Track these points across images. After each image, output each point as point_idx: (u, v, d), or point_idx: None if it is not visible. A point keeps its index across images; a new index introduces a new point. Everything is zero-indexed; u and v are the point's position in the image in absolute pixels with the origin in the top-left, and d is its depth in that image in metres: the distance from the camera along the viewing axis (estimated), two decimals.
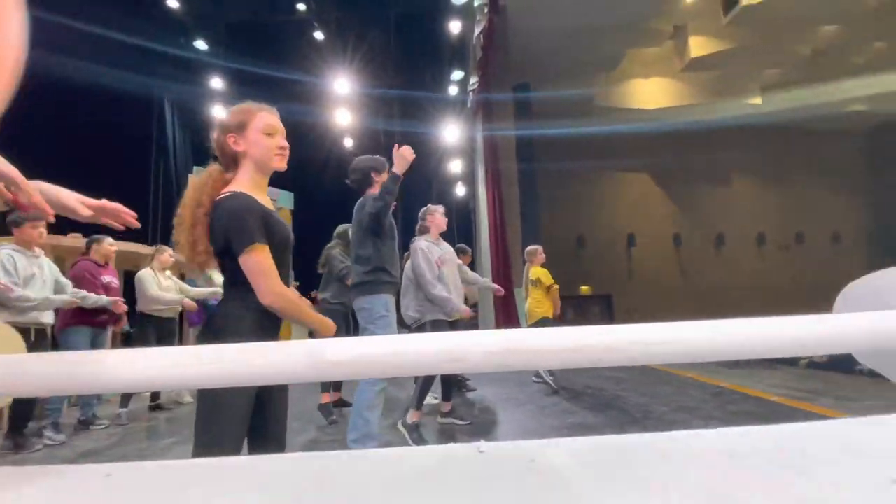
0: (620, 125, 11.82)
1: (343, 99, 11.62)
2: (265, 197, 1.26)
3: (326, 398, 3.74)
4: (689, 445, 0.34)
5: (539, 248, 4.98)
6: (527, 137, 9.78)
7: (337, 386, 4.15)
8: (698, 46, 9.41)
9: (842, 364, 4.78)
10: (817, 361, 5.31)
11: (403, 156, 2.34)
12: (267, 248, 1.15)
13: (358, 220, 2.56)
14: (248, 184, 1.22)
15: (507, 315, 8.43)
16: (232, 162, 1.25)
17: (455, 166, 12.23)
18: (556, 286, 4.74)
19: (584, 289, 12.14)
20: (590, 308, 12.11)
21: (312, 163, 11.88)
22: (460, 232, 13.50)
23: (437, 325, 3.09)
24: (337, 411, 3.87)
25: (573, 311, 11.56)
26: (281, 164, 1.25)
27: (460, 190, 12.86)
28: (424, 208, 3.38)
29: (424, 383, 3.11)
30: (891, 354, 0.55)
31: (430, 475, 0.32)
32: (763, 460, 0.30)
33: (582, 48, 9.39)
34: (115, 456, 3.13)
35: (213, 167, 1.27)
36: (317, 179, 11.51)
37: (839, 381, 4.49)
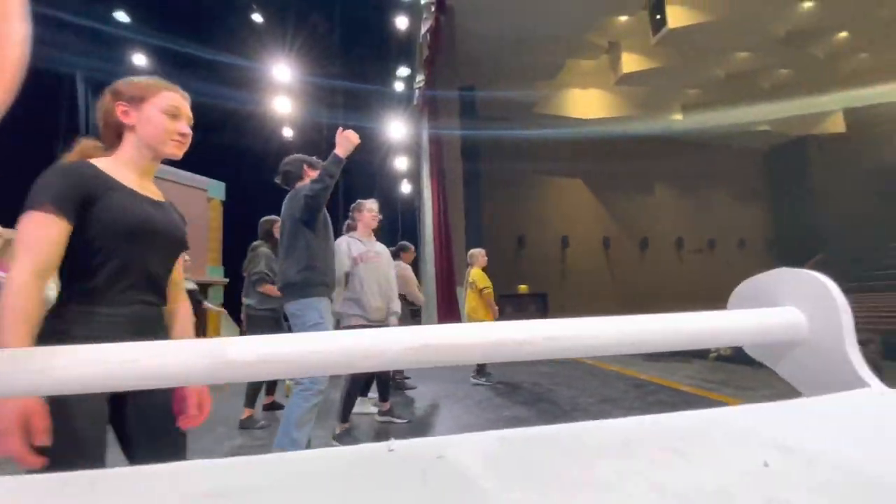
0: (559, 132, 12.41)
1: (283, 86, 11.08)
2: (147, 185, 1.04)
3: (248, 413, 3.46)
4: (592, 436, 0.35)
5: (482, 251, 4.95)
6: (472, 138, 9.95)
7: (270, 388, 3.95)
8: (630, 63, 10.09)
9: (745, 356, 5.37)
10: (724, 354, 5.91)
11: (348, 138, 2.12)
12: (56, 220, 0.84)
13: (289, 212, 2.26)
14: (120, 162, 1.00)
15: (449, 315, 8.52)
16: (114, 136, 1.03)
17: (401, 163, 12.14)
18: (488, 289, 4.69)
19: (522, 287, 12.57)
20: (527, 306, 12.56)
21: (248, 152, 11.22)
22: (405, 230, 13.42)
23: None
24: (269, 415, 3.68)
25: (511, 308, 11.94)
26: (175, 151, 1.04)
27: (406, 187, 12.79)
28: (355, 203, 3.19)
29: (348, 396, 2.92)
30: (772, 346, 0.62)
31: (336, 477, 0.30)
32: (653, 447, 0.32)
33: (524, 56, 9.72)
34: None
35: (86, 142, 1.05)
36: (252, 170, 10.87)
37: (741, 372, 5.04)
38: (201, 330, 8.80)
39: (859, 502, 0.25)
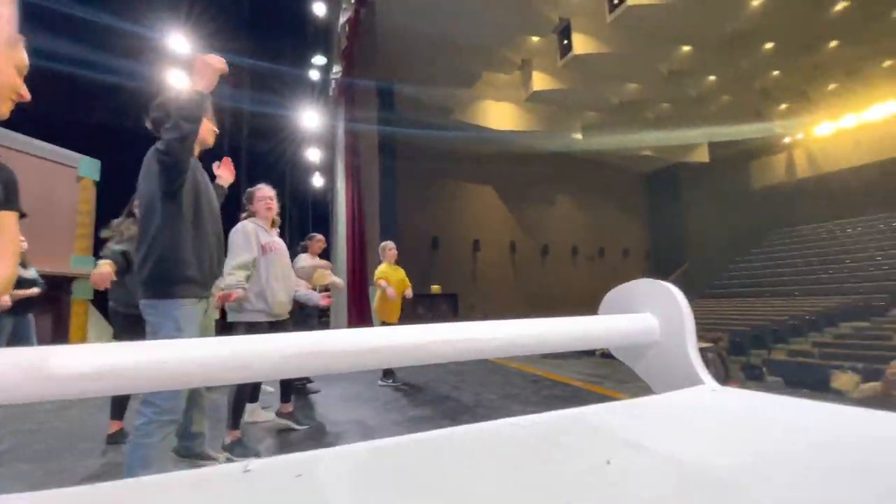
0: (474, 140, 12.88)
1: (179, 59, 9.88)
2: None
3: (116, 426, 2.84)
4: (463, 440, 0.36)
5: (388, 243, 4.65)
6: (390, 135, 9.85)
7: (118, 412, 3.02)
8: (539, 81, 10.83)
9: None
10: (606, 352, 6.60)
11: (208, 63, 1.50)
12: None
13: (145, 179, 1.64)
14: None
15: (360, 314, 8.33)
16: None
17: (313, 154, 11.57)
18: (381, 279, 4.39)
19: (435, 287, 12.79)
20: (438, 305, 12.81)
21: (132, 130, 9.78)
22: (316, 225, 12.80)
23: (252, 329, 2.54)
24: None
25: (423, 308, 12.08)
26: (3, 110, 0.85)
27: (318, 180, 12.21)
28: (250, 190, 2.77)
29: (236, 401, 2.63)
30: (632, 347, 0.70)
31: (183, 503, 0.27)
32: (516, 449, 0.34)
33: (444, 61, 9.90)
34: None
35: None
36: (135, 148, 9.51)
37: (620, 368, 5.66)
38: (62, 330, 7.43)
39: (691, 495, 0.27)
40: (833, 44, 10.53)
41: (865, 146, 13.16)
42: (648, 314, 0.66)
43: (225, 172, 2.18)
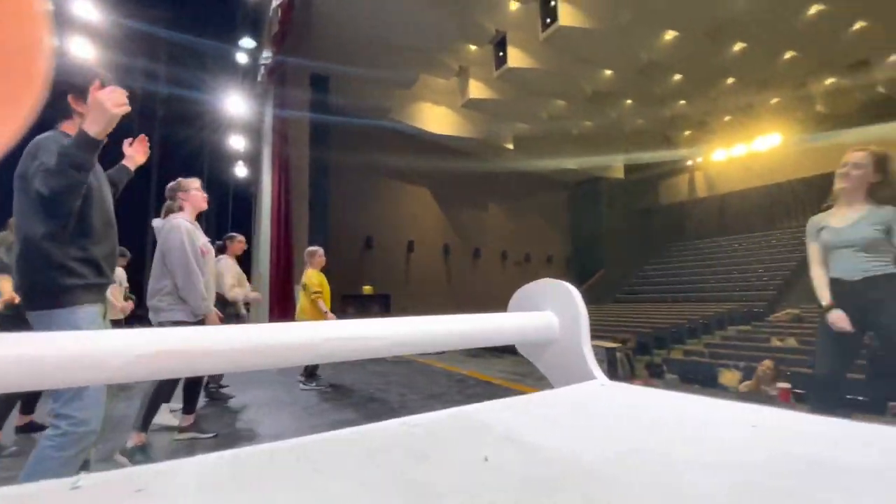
0: (411, 140, 12.89)
1: (84, 26, 8.68)
2: None
3: (23, 419, 2.65)
4: (342, 445, 0.34)
5: (318, 249, 4.44)
6: (323, 128, 9.50)
7: (26, 405, 2.96)
8: (475, 89, 11.11)
9: None
10: None
11: (103, 103, 1.28)
12: None
13: (21, 185, 1.41)
14: None
15: (284, 316, 7.91)
16: None
17: (236, 143, 10.77)
18: (319, 294, 4.25)
19: (367, 288, 12.54)
20: (370, 306, 12.57)
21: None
22: (237, 220, 11.94)
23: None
24: (24, 439, 2.79)
25: (354, 308, 11.77)
26: None
27: (241, 171, 11.40)
28: (174, 182, 2.62)
29: (153, 399, 2.46)
30: (535, 345, 0.73)
31: None
32: (399, 450, 0.33)
33: (383, 60, 9.78)
34: None
35: None
36: (28, 131, 8.20)
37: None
38: None
39: (565, 491, 0.28)
40: (730, 80, 12.03)
41: (753, 172, 15.23)
42: (550, 312, 0.69)
43: (138, 152, 1.93)
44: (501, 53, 10.04)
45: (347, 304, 11.48)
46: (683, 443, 0.37)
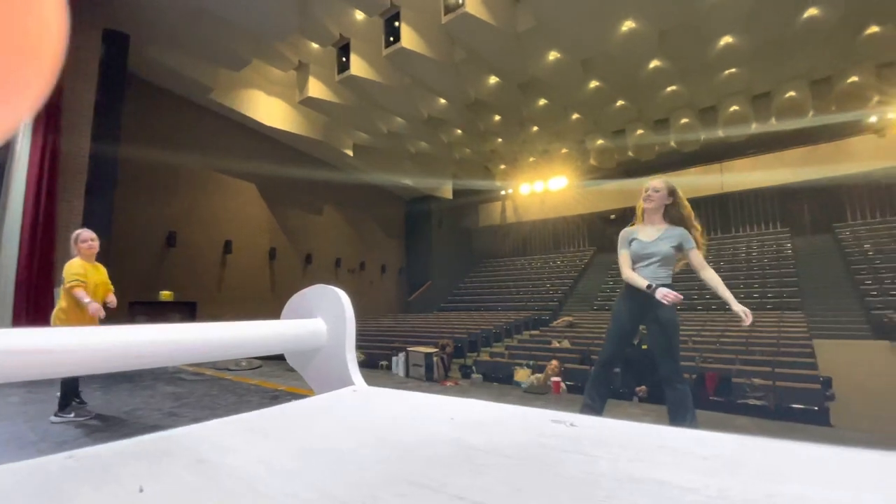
0: (237, 129, 11.59)
1: None
2: None
3: None
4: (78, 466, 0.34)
5: (83, 232, 3.51)
6: (115, 96, 7.73)
7: None
8: (316, 88, 10.73)
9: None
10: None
11: None
12: None
13: None
14: None
15: (36, 321, 6.04)
16: None
17: None
18: (75, 283, 3.40)
19: (165, 294, 10.57)
20: (169, 315, 10.63)
21: None
22: None
23: None
24: None
25: (147, 318, 9.76)
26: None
27: None
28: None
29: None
30: (305, 353, 0.78)
31: None
32: (125, 473, 0.34)
33: (208, 30, 8.60)
34: None
35: None
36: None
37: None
38: None
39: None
40: (535, 128, 14.50)
41: (547, 206, 18.67)
42: (320, 319, 0.75)
43: None
44: (345, 59, 9.97)
45: (137, 311, 9.48)
46: (394, 431, 0.46)
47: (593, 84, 11.82)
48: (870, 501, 0.29)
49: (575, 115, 13.70)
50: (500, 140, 15.35)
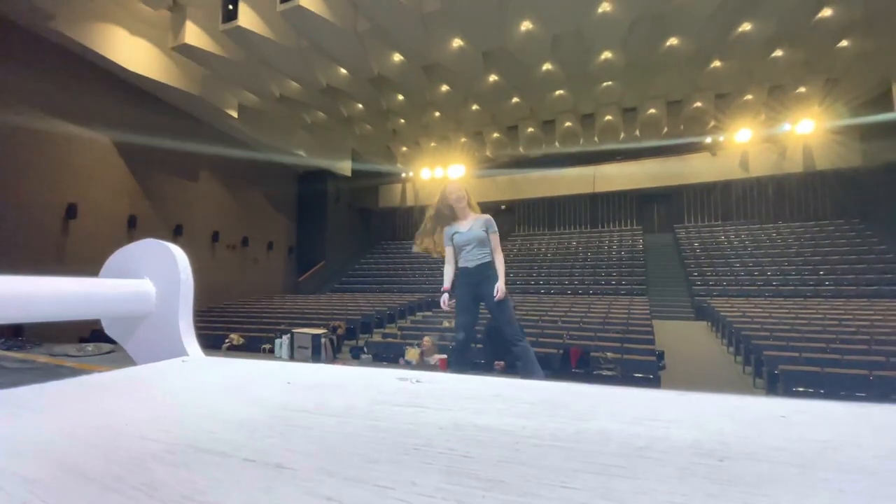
0: (88, 69, 9.58)
1: None
2: None
3: None
4: None
5: None
6: None
7: None
8: (193, 35, 9.33)
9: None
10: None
11: None
12: None
13: None
14: None
15: None
16: None
17: None
18: None
19: None
20: None
21: None
22: None
23: None
24: None
25: None
26: None
27: None
28: None
29: None
30: (127, 320, 0.65)
31: None
32: None
33: None
34: None
35: None
36: None
37: None
38: None
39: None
40: (437, 114, 14.61)
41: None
42: (147, 280, 0.62)
43: None
44: (231, 6, 8.82)
45: None
46: (213, 399, 0.41)
47: (492, 78, 12.28)
48: (659, 429, 0.33)
49: (475, 106, 14.14)
50: (402, 121, 15.16)
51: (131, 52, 9.74)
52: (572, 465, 0.26)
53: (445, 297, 2.73)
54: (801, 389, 4.99)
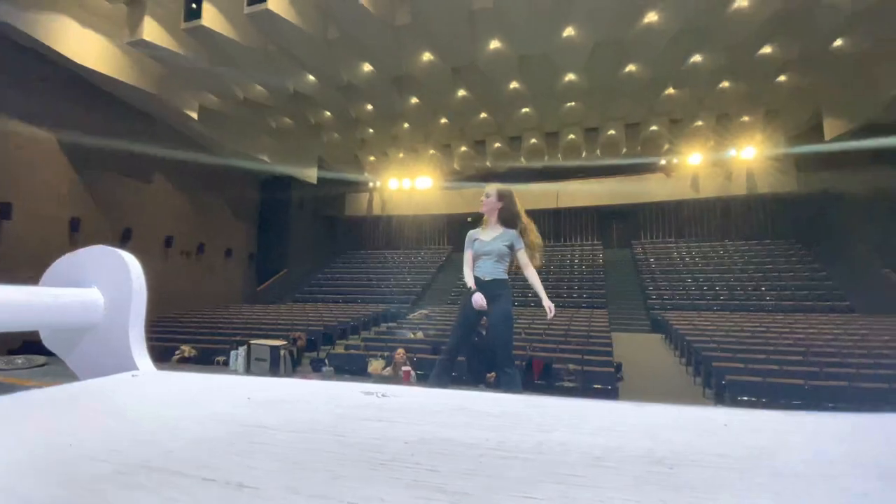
0: (33, 60, 8.97)
1: None
2: None
3: None
4: None
5: None
6: None
7: None
8: (152, 31, 8.94)
9: None
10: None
11: None
12: None
13: None
14: None
15: None
16: None
17: None
18: None
19: None
20: None
21: None
22: None
23: None
24: None
25: None
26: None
27: None
28: None
29: None
30: (70, 332, 0.61)
31: None
32: None
33: None
34: None
35: None
36: None
37: None
38: None
39: None
40: (406, 125, 14.67)
41: (413, 203, 19.07)
42: (95, 289, 0.58)
43: None
44: (195, 5, 8.55)
45: None
46: (167, 417, 0.39)
47: (462, 93, 12.51)
48: (615, 439, 0.35)
49: (444, 120, 14.31)
50: (371, 130, 15.10)
51: (82, 45, 9.21)
52: (534, 475, 0.27)
53: (478, 294, 2.48)
54: (745, 399, 5.29)
